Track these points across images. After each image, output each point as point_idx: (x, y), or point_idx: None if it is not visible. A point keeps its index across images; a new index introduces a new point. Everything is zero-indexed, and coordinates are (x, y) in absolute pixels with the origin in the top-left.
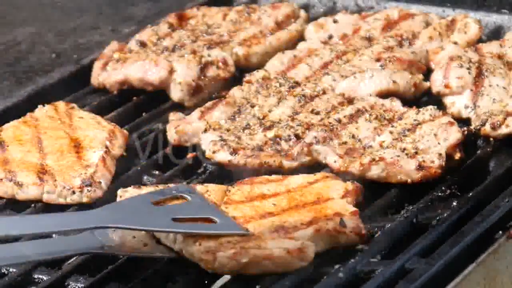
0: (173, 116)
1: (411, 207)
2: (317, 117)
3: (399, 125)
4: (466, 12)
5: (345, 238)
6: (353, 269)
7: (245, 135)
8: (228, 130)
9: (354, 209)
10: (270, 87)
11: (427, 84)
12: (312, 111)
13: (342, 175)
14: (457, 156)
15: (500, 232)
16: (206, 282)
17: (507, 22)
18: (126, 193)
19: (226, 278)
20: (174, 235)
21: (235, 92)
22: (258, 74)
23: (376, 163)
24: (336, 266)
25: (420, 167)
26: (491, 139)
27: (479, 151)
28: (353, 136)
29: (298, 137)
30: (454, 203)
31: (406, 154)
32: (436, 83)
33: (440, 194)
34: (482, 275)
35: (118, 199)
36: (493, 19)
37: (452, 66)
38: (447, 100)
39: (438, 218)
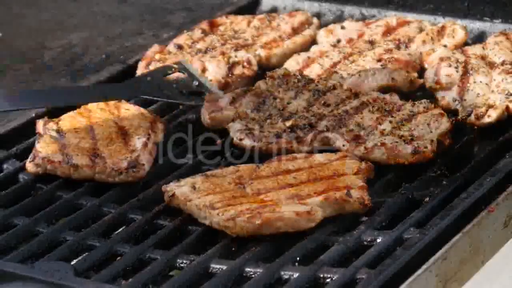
0: (208, 97)
1: (407, 185)
2: (328, 109)
3: (397, 116)
4: (454, 19)
5: (351, 207)
6: (358, 238)
7: (267, 124)
8: (253, 119)
9: (363, 184)
10: (289, 82)
11: (421, 81)
12: (324, 104)
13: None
14: (447, 142)
15: (483, 207)
16: (233, 249)
17: (489, 28)
18: (168, 188)
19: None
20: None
21: (261, 84)
22: (279, 71)
23: (378, 148)
24: (344, 236)
25: (415, 151)
26: (476, 127)
27: (465, 138)
28: (359, 125)
29: (311, 125)
30: (444, 182)
31: (404, 140)
32: (429, 80)
33: (432, 174)
34: (468, 243)
35: (165, 195)
36: (477, 25)
37: (442, 65)
38: (438, 95)
39: (430, 194)
